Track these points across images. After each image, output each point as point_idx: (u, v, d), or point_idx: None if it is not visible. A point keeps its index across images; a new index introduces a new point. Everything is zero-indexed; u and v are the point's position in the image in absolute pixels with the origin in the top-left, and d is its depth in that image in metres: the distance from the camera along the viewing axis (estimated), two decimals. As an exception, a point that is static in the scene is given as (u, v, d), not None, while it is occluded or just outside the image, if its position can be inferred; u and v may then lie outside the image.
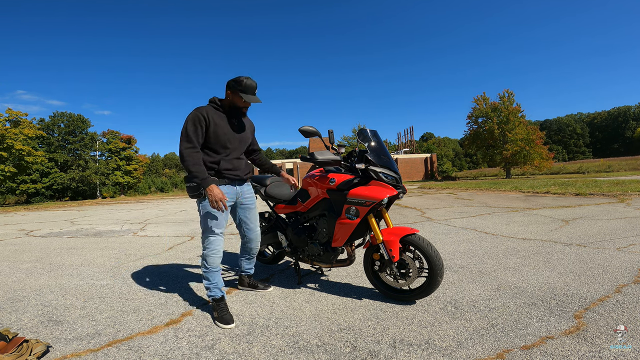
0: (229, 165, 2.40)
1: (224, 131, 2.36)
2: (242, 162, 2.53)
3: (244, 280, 2.88)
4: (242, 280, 2.89)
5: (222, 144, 2.36)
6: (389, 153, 2.53)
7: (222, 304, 2.32)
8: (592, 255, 3.41)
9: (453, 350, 1.79)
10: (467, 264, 3.33)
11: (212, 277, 2.36)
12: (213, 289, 2.36)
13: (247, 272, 2.84)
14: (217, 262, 2.37)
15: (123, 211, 12.20)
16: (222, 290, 2.38)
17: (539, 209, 7.08)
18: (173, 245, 5.06)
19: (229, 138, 2.39)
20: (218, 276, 2.38)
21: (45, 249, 5.12)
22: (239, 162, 2.49)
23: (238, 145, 2.47)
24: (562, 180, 16.02)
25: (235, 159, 2.46)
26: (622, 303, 2.26)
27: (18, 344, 1.88)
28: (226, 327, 2.18)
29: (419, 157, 41.00)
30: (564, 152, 78.59)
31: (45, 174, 37.22)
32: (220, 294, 2.36)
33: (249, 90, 2.32)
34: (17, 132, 23.41)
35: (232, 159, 2.43)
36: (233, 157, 2.44)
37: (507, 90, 32.79)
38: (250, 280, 2.88)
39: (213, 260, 2.35)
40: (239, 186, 2.52)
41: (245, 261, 2.81)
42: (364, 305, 2.44)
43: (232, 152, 2.43)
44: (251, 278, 2.89)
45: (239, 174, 2.48)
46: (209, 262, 2.35)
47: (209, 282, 2.36)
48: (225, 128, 2.37)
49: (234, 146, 2.43)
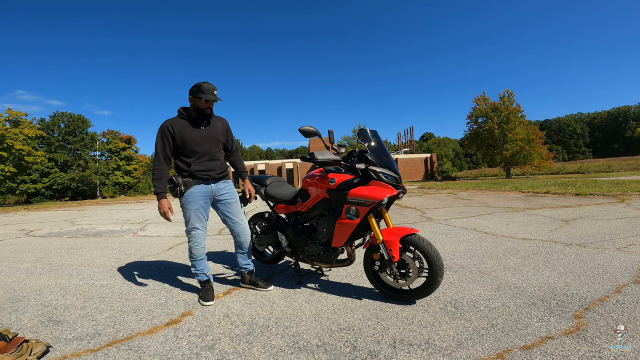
0: (200, 167, 2.62)
1: (191, 137, 2.58)
2: (215, 163, 2.70)
3: (245, 277, 2.92)
4: (244, 277, 2.93)
5: (190, 149, 2.59)
6: (389, 153, 2.53)
7: (208, 285, 2.69)
8: (592, 255, 3.41)
9: (453, 350, 1.79)
10: (467, 264, 3.33)
11: (198, 265, 2.69)
12: (199, 274, 2.70)
13: (246, 267, 2.89)
14: (200, 252, 2.67)
15: (123, 211, 12.21)
16: (207, 275, 2.72)
17: (539, 209, 7.09)
18: (173, 245, 5.06)
19: (196, 142, 2.59)
20: (203, 263, 2.70)
21: (45, 249, 5.12)
22: (211, 163, 2.67)
23: (208, 147, 2.64)
24: (562, 180, 16.03)
25: (207, 160, 2.65)
26: (622, 303, 2.26)
27: (18, 344, 1.88)
28: (206, 303, 2.57)
29: (419, 157, 41.02)
30: (564, 152, 78.62)
31: (45, 174, 37.25)
32: (205, 278, 2.70)
33: (207, 92, 2.51)
34: (17, 132, 23.42)
35: (203, 161, 2.63)
36: (205, 160, 2.64)
37: (507, 90, 32.85)
38: (251, 277, 2.91)
39: (197, 250, 2.66)
40: (213, 184, 2.70)
41: (240, 256, 2.88)
42: (364, 305, 2.44)
43: (203, 155, 2.63)
44: (252, 275, 2.92)
45: (212, 174, 2.67)
46: (193, 252, 2.66)
47: (195, 268, 2.70)
48: (192, 134, 2.58)
49: (203, 149, 2.62)
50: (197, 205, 2.61)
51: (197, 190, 2.61)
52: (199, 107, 2.56)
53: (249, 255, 2.91)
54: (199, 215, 2.63)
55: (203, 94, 2.49)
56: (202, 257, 2.68)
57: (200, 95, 2.49)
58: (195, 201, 2.61)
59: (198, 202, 2.62)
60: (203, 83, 2.52)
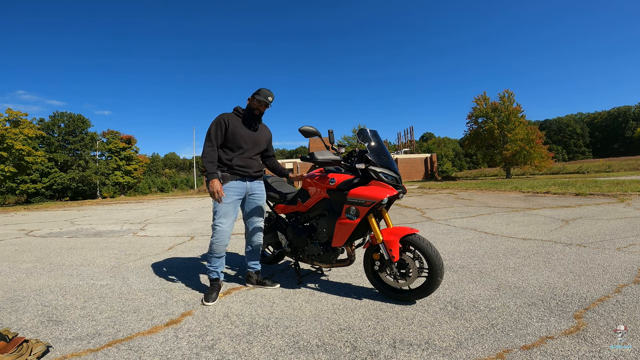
0: (241, 162, 2.75)
1: (241, 133, 2.73)
2: (254, 162, 2.85)
3: (252, 277, 2.95)
4: (250, 277, 2.96)
5: (237, 144, 2.73)
6: (389, 153, 2.53)
7: (216, 285, 2.72)
8: (592, 255, 3.41)
9: (453, 350, 1.79)
10: (467, 264, 3.33)
11: (214, 262, 2.71)
12: (212, 271, 2.73)
13: (254, 267, 2.95)
14: (220, 249, 2.68)
15: (123, 211, 12.20)
16: (219, 273, 2.75)
17: (539, 209, 7.08)
18: (173, 245, 5.06)
19: (244, 139, 2.74)
20: (219, 262, 2.72)
21: (45, 249, 5.12)
22: (251, 161, 2.81)
23: (252, 146, 2.80)
24: (562, 180, 16.02)
25: (248, 158, 2.78)
26: (622, 303, 2.26)
27: (18, 344, 1.88)
28: (207, 304, 2.57)
29: (419, 157, 40.99)
30: (564, 152, 78.59)
31: (45, 174, 37.22)
32: (216, 276, 2.73)
33: (263, 95, 2.71)
34: (17, 132, 23.39)
35: (245, 158, 2.76)
36: (246, 156, 2.77)
37: (507, 90, 32.82)
38: (258, 277, 2.95)
39: (218, 247, 2.67)
40: (249, 182, 2.82)
41: (249, 255, 2.95)
42: (364, 305, 2.44)
43: (246, 151, 2.77)
44: (259, 275, 2.97)
45: (249, 171, 2.79)
46: (213, 248, 2.68)
47: (210, 264, 2.72)
48: (242, 131, 2.74)
49: (247, 147, 2.77)
50: (229, 200, 2.68)
51: (234, 185, 2.71)
52: (252, 106, 2.74)
53: (259, 255, 2.97)
54: (229, 211, 2.68)
55: (258, 95, 2.70)
56: (221, 255, 2.71)
57: (256, 96, 2.70)
58: (229, 196, 2.68)
59: (231, 197, 2.69)
60: (263, 89, 2.73)
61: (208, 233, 5.89)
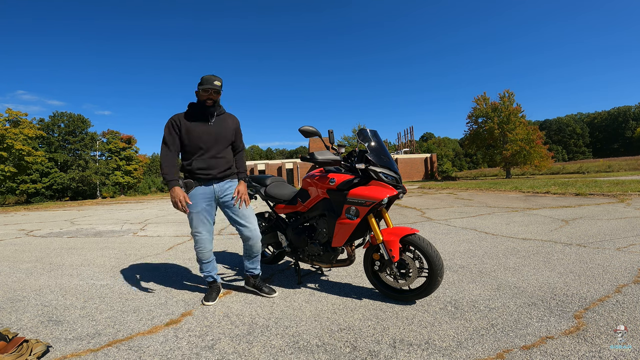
0: (202, 165, 2.50)
1: (196, 131, 2.48)
2: (219, 161, 2.55)
3: (249, 281, 2.78)
4: (248, 280, 2.80)
5: (195, 145, 2.49)
6: (389, 153, 2.53)
7: (214, 286, 2.71)
8: (592, 255, 3.41)
9: (453, 350, 1.79)
10: (467, 264, 3.33)
11: (205, 267, 2.68)
12: (206, 276, 2.70)
13: (251, 272, 2.74)
14: (206, 256, 2.62)
15: (123, 211, 12.20)
16: (214, 276, 2.70)
17: (539, 209, 7.08)
18: (173, 245, 5.06)
19: (201, 138, 2.49)
20: (210, 265, 2.68)
21: (45, 249, 5.12)
22: (215, 161, 2.53)
23: (214, 144, 2.52)
24: (562, 180, 16.02)
25: (211, 157, 2.52)
26: (622, 303, 2.26)
27: (18, 344, 1.88)
28: (207, 303, 2.56)
29: (419, 157, 40.99)
30: (563, 152, 78.60)
31: (45, 174, 37.19)
32: (211, 279, 2.70)
33: (207, 82, 2.43)
34: (17, 132, 23.40)
35: (206, 158, 2.51)
36: (208, 157, 2.51)
37: (507, 90, 32.87)
38: (255, 282, 2.76)
39: (202, 255, 2.61)
40: (216, 184, 2.57)
41: (247, 261, 2.74)
42: (364, 305, 2.44)
43: (207, 151, 2.51)
44: (257, 279, 2.77)
45: (213, 172, 2.53)
46: (199, 257, 2.63)
47: (203, 270, 2.69)
48: (198, 128, 2.49)
49: (208, 145, 2.50)
50: (199, 208, 2.50)
51: (199, 192, 2.51)
52: (200, 99, 2.49)
53: (258, 260, 2.74)
54: (202, 219, 2.53)
55: (202, 85, 2.43)
56: (209, 260, 2.64)
57: (200, 87, 2.44)
58: (197, 204, 2.50)
59: (200, 205, 2.51)
60: (205, 75, 2.46)
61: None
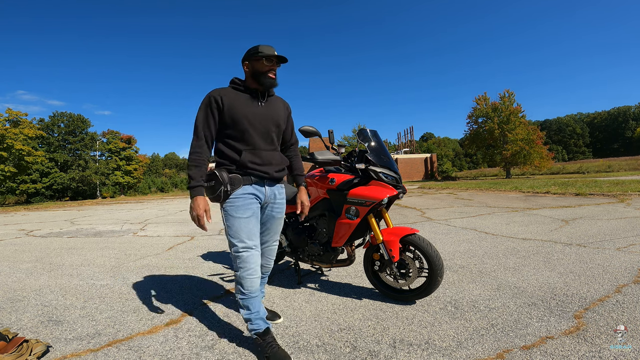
0: (255, 159, 1.87)
1: (245, 113, 1.85)
2: (274, 155, 1.96)
3: None
4: None
5: (242, 129, 1.85)
6: (389, 153, 2.53)
7: (269, 338, 1.82)
8: (592, 255, 3.41)
9: (453, 350, 1.79)
10: (467, 264, 3.33)
11: (252, 305, 1.83)
12: (255, 320, 1.83)
13: None
14: (255, 284, 1.83)
15: (123, 211, 12.20)
16: (266, 321, 1.87)
17: (539, 209, 7.08)
18: (173, 245, 5.06)
19: (250, 122, 1.86)
20: (258, 302, 1.86)
21: (45, 249, 5.12)
22: (269, 154, 1.93)
23: (266, 132, 1.92)
24: (562, 180, 16.02)
25: (265, 150, 1.92)
26: (622, 303, 2.26)
27: (18, 344, 1.88)
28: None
29: (419, 157, 40.97)
30: (564, 152, 78.60)
31: (45, 174, 37.20)
32: (264, 326, 1.84)
33: (267, 50, 1.87)
34: (17, 132, 23.42)
35: (259, 151, 1.90)
36: (261, 149, 1.91)
37: (507, 90, 32.84)
38: None
39: (250, 282, 1.81)
40: (269, 187, 1.96)
41: None
42: (364, 305, 2.44)
43: (258, 140, 1.90)
44: None
45: (269, 170, 1.91)
46: (245, 285, 1.81)
47: (249, 312, 1.83)
48: (246, 109, 1.86)
49: (259, 132, 1.89)
50: (249, 213, 1.85)
51: (249, 191, 1.87)
52: (259, 70, 1.86)
53: (265, 281, 2.21)
54: (252, 228, 1.85)
55: (262, 53, 1.84)
56: (257, 294, 1.86)
57: (260, 54, 1.84)
58: (247, 206, 1.85)
59: (251, 209, 1.86)
60: (259, 45, 1.89)
61: (208, 233, 5.88)
